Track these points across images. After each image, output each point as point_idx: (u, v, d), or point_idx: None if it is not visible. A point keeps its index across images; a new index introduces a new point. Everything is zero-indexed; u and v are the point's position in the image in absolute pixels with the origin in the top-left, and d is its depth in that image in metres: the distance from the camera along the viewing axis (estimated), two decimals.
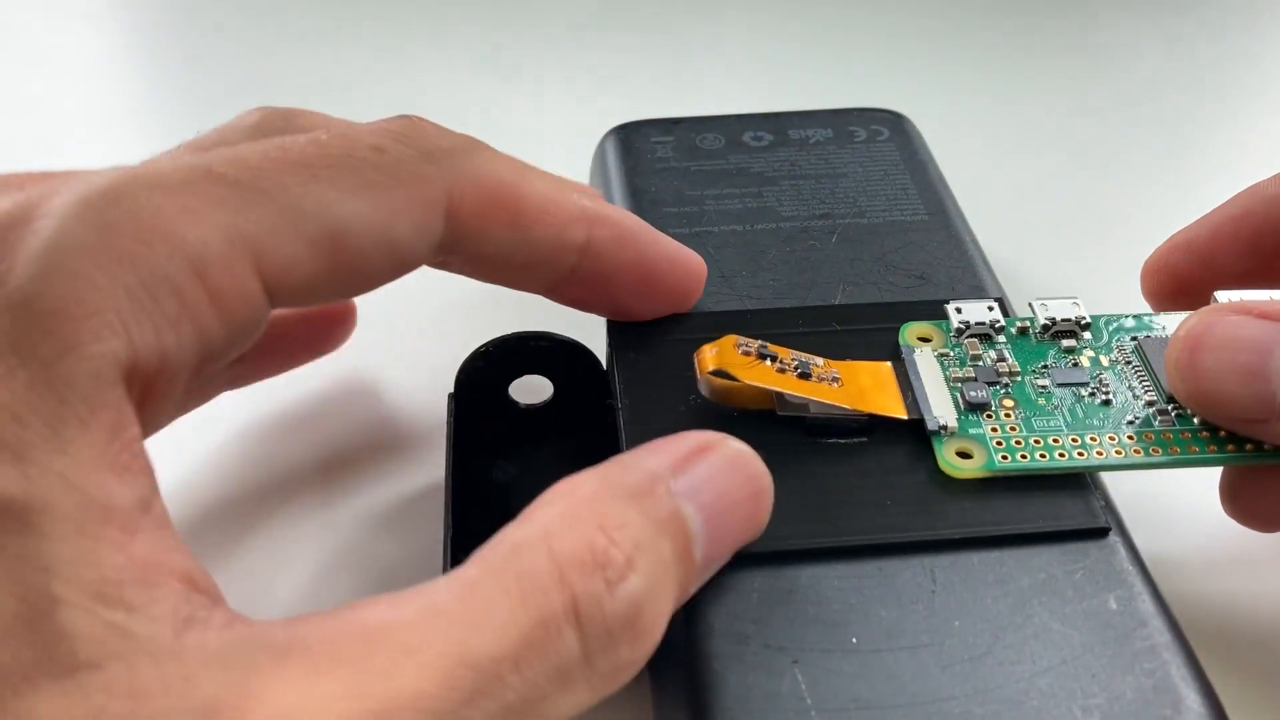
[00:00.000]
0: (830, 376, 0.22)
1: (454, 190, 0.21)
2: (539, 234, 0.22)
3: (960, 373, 0.23)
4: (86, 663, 0.14)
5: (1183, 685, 0.18)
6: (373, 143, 0.20)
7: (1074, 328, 0.24)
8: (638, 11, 0.49)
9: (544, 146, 0.40)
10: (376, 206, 0.20)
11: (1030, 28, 0.48)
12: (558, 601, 0.15)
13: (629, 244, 0.23)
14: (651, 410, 0.23)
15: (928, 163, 0.31)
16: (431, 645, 0.15)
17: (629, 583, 0.16)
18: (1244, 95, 0.44)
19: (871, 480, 0.21)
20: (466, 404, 0.25)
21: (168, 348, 0.17)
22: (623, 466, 0.18)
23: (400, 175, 0.20)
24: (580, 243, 0.23)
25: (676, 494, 0.18)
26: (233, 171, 0.18)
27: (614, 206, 0.24)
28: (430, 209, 0.21)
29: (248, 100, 0.46)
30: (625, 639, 0.16)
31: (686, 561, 0.18)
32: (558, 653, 0.15)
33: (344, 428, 0.28)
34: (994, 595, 0.19)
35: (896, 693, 0.18)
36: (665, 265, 0.24)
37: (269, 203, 0.18)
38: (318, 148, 0.19)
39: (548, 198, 0.22)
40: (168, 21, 0.50)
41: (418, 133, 0.21)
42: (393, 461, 0.27)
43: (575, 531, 0.16)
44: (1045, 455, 0.21)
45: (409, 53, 0.47)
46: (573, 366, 0.25)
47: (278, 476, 0.27)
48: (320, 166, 0.19)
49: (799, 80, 0.44)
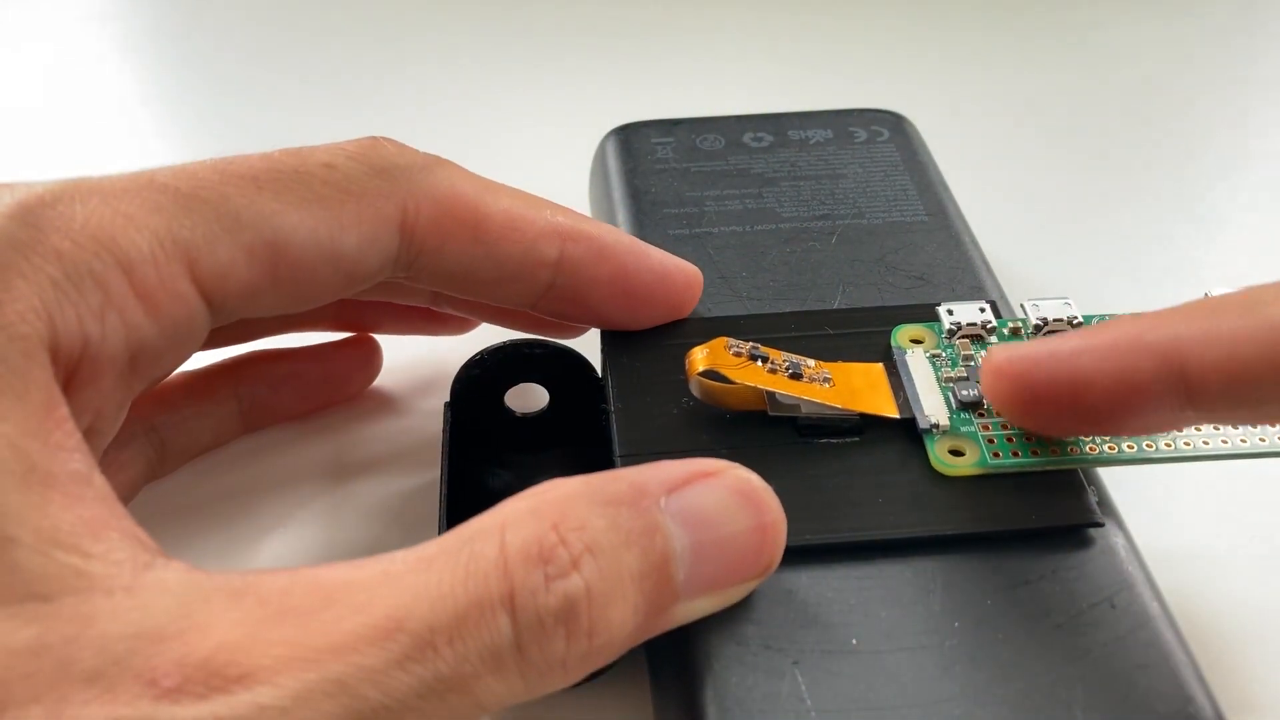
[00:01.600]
0: (822, 377, 0.22)
1: (409, 206, 0.22)
2: (505, 249, 0.23)
3: (952, 373, 0.23)
4: (40, 595, 0.15)
5: (1182, 685, 0.18)
6: (324, 160, 0.21)
7: (1066, 327, 0.24)
8: (638, 11, 0.49)
9: (544, 147, 0.41)
10: (321, 220, 0.21)
11: (1030, 28, 0.48)
12: (497, 587, 0.16)
13: (607, 258, 0.24)
14: (644, 414, 0.23)
15: (928, 163, 0.31)
16: (376, 607, 0.16)
17: (568, 581, 0.16)
18: (1244, 95, 0.44)
19: (864, 479, 0.21)
20: (463, 412, 0.25)
21: (90, 335, 0.18)
22: (612, 476, 0.18)
23: (349, 190, 0.21)
24: (552, 258, 0.23)
25: (665, 512, 0.18)
26: (175, 182, 0.20)
27: (594, 221, 0.24)
28: (381, 224, 0.21)
29: (247, 102, 0.46)
30: (559, 634, 0.16)
31: (658, 579, 0.17)
32: (490, 635, 0.16)
33: (342, 435, 0.28)
34: (994, 596, 0.20)
35: (896, 694, 0.18)
36: (650, 278, 0.24)
37: (206, 210, 0.20)
38: (266, 163, 0.21)
39: (514, 214, 0.23)
40: (168, 22, 0.50)
41: (375, 150, 0.22)
42: (390, 468, 0.27)
43: (530, 526, 0.17)
44: (1038, 452, 0.21)
45: (409, 54, 0.47)
46: (568, 374, 0.25)
47: (275, 484, 0.27)
48: (266, 180, 0.20)
49: (799, 81, 0.44)
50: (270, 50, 0.47)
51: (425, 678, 0.15)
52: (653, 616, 0.18)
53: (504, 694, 0.16)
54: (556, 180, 0.36)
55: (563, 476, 0.18)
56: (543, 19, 0.49)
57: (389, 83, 0.45)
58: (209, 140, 0.41)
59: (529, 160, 0.39)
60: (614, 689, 0.22)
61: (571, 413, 0.25)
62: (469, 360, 0.25)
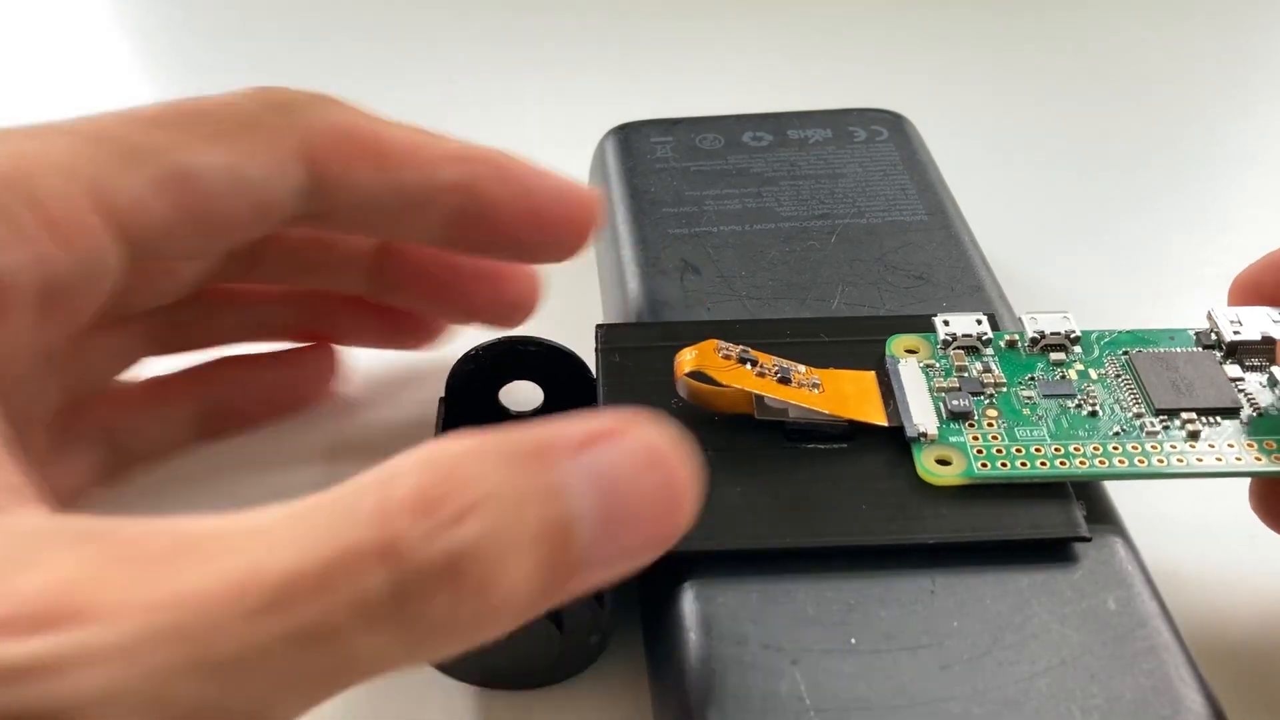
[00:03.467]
0: (811, 383, 0.22)
1: (308, 136, 0.22)
2: (409, 175, 0.23)
3: (944, 383, 0.23)
4: None
5: (1182, 686, 0.18)
6: (224, 100, 0.22)
7: (1063, 341, 0.23)
8: (638, 11, 0.49)
9: (544, 147, 0.40)
10: (226, 150, 0.21)
11: (1030, 28, 0.48)
12: (371, 537, 0.15)
13: (509, 179, 0.24)
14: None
15: (927, 163, 0.31)
16: (233, 556, 0.15)
17: (456, 532, 0.15)
18: (1245, 95, 0.44)
19: (850, 485, 0.21)
20: (456, 408, 0.25)
21: (1, 264, 0.18)
22: (518, 431, 0.17)
23: (249, 123, 0.22)
24: (456, 181, 0.23)
25: (569, 470, 0.16)
26: (81, 126, 0.20)
27: (489, 147, 0.24)
28: (285, 153, 0.22)
29: None
30: (442, 589, 0.15)
31: (559, 541, 0.16)
32: (362, 588, 0.15)
33: (334, 429, 0.28)
34: (992, 595, 0.19)
35: (896, 693, 0.18)
36: (553, 195, 0.24)
37: (111, 146, 0.20)
38: (169, 106, 0.21)
39: (414, 140, 0.23)
40: (168, 22, 0.50)
41: (271, 90, 0.22)
42: (381, 461, 0.27)
43: (419, 477, 0.15)
44: (1026, 464, 0.21)
45: (409, 52, 0.47)
46: (561, 372, 0.25)
47: (266, 479, 0.27)
48: (169, 119, 0.21)
49: (798, 80, 0.44)
50: (270, 50, 0.47)
51: (288, 628, 0.14)
52: (554, 580, 0.16)
53: (378, 651, 0.15)
54: None
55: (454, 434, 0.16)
56: (543, 19, 0.49)
57: (389, 82, 0.45)
58: None
59: (529, 158, 0.39)
60: (614, 689, 0.22)
61: (565, 411, 0.25)
62: (464, 355, 0.25)
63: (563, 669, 0.21)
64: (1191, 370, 0.23)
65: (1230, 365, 0.23)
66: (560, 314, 0.27)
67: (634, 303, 0.26)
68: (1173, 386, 0.22)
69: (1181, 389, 0.22)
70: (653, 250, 0.28)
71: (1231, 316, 0.23)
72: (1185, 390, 0.22)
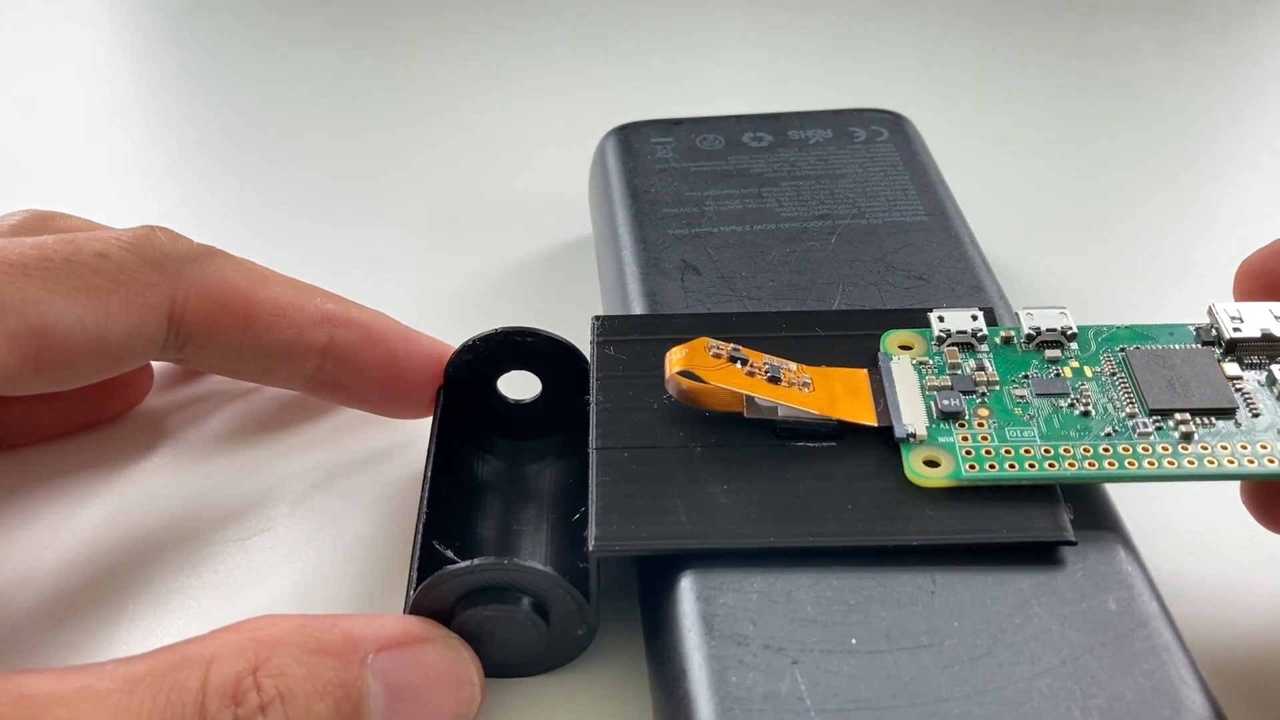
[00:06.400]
0: (801, 382, 0.22)
1: (177, 295, 0.23)
2: (274, 336, 0.24)
3: (936, 381, 0.23)
4: None
5: (1182, 686, 0.18)
6: (98, 250, 0.22)
7: (1059, 338, 0.23)
8: (638, 11, 0.49)
9: (544, 147, 0.41)
10: (88, 308, 0.21)
11: (1030, 28, 0.48)
12: None
13: (376, 344, 0.25)
14: (623, 408, 0.23)
15: (927, 163, 0.31)
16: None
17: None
18: (1244, 95, 0.44)
19: (838, 485, 0.21)
20: (454, 397, 0.25)
21: None
22: (329, 624, 0.19)
23: (119, 280, 0.22)
24: (320, 344, 0.24)
25: (369, 669, 0.19)
26: None
27: (364, 308, 0.25)
28: (149, 312, 0.22)
29: (244, 104, 0.46)
30: None
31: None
32: None
33: (332, 417, 0.28)
34: (992, 596, 0.19)
35: (896, 694, 0.18)
36: (420, 363, 0.25)
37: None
38: (40, 250, 0.21)
39: (283, 302, 0.24)
40: (168, 22, 0.50)
41: (148, 241, 0.23)
42: (379, 446, 0.27)
43: (234, 664, 0.18)
44: (1015, 466, 0.21)
45: (408, 54, 0.47)
46: (560, 363, 0.25)
47: (263, 464, 0.27)
48: (36, 268, 0.21)
49: (798, 80, 0.44)
50: (269, 51, 0.47)
51: None
52: None
53: None
54: (556, 180, 0.36)
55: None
56: (543, 19, 0.49)
57: (389, 83, 0.45)
58: (206, 139, 0.41)
59: (529, 160, 0.39)
60: (614, 688, 0.22)
61: (563, 401, 0.25)
62: (462, 345, 0.25)
63: (549, 660, 0.22)
64: (1188, 368, 0.22)
65: (1229, 363, 0.22)
66: (558, 310, 0.27)
67: (634, 303, 0.26)
68: (1168, 385, 0.22)
69: (1177, 388, 0.22)
70: (653, 251, 0.28)
71: (1233, 313, 0.23)
72: (1181, 389, 0.22)
